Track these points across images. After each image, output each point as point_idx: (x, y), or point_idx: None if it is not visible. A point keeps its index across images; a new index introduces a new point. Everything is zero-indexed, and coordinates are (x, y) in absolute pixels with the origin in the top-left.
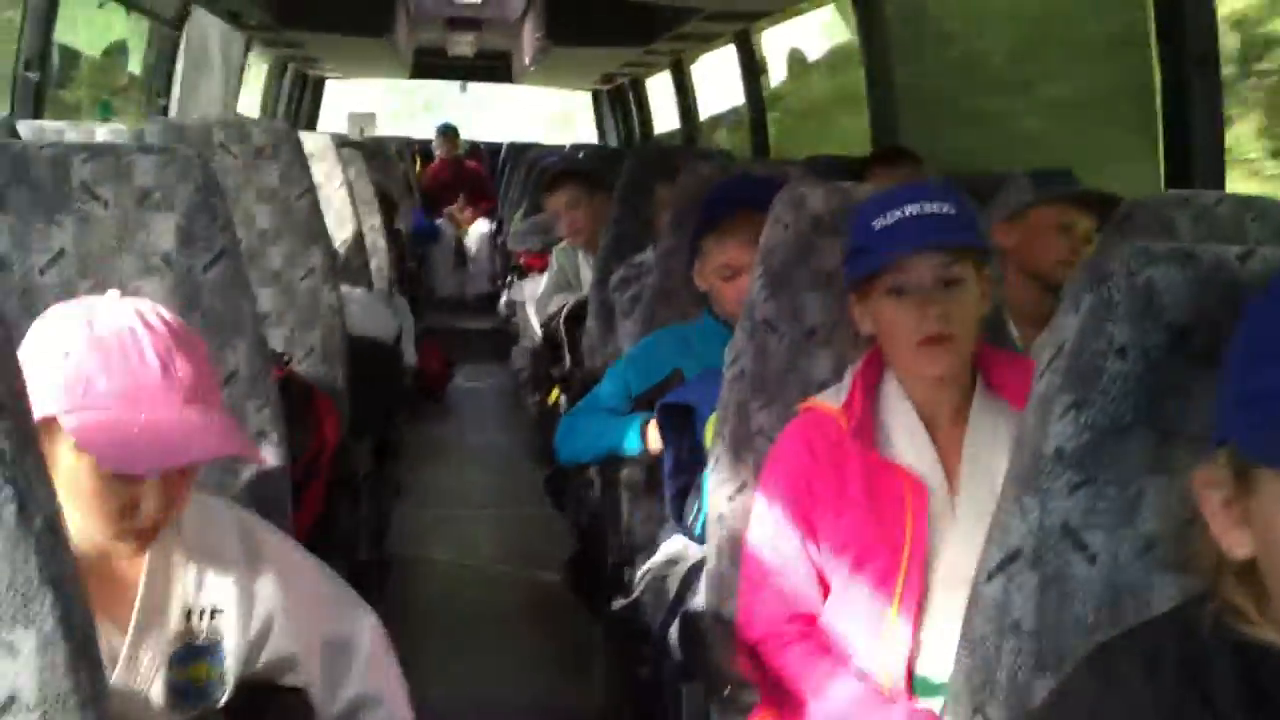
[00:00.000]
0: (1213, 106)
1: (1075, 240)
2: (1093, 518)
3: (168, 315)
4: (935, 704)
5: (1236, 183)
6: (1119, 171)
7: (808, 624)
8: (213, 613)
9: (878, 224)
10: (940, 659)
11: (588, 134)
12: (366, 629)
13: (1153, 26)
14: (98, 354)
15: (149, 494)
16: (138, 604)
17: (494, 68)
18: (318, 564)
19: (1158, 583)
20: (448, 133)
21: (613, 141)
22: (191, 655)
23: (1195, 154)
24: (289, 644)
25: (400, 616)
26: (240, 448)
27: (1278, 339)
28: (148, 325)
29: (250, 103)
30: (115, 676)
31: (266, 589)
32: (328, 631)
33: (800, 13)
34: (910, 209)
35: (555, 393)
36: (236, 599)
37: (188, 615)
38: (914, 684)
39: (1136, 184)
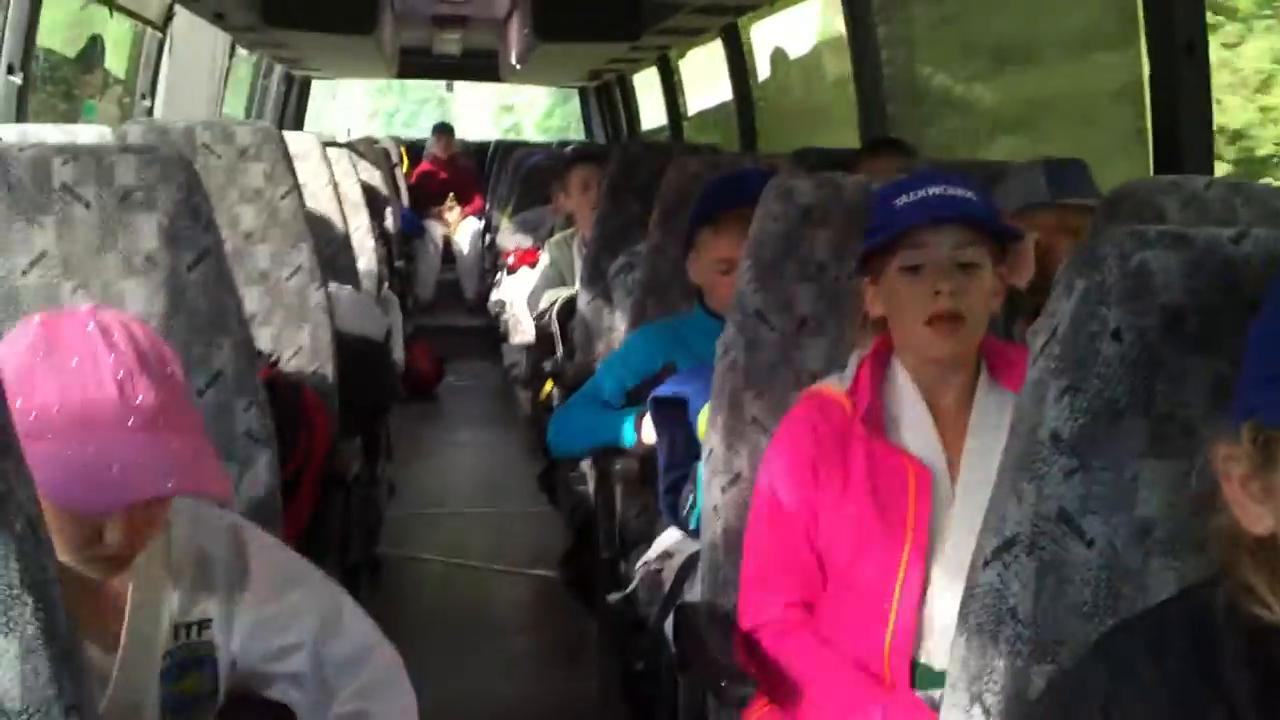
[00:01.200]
0: (1200, 93)
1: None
2: (1089, 503)
3: (140, 333)
4: (937, 693)
5: None
6: (1111, 159)
7: (807, 612)
8: (202, 625)
9: (900, 202)
10: (941, 648)
11: (530, 125)
12: (360, 628)
13: (1141, 14)
14: (53, 378)
15: (112, 526)
16: (126, 623)
17: (481, 66)
18: (309, 567)
19: (1155, 567)
20: (445, 131)
21: (600, 138)
22: (183, 669)
23: (1184, 140)
24: (281, 649)
25: (393, 616)
26: (202, 483)
27: None
28: (111, 346)
29: (240, 105)
30: (108, 697)
31: (257, 598)
32: (321, 634)
33: (791, 3)
34: (933, 189)
35: (548, 388)
36: (226, 610)
37: (177, 631)
38: (915, 673)
39: (1129, 171)
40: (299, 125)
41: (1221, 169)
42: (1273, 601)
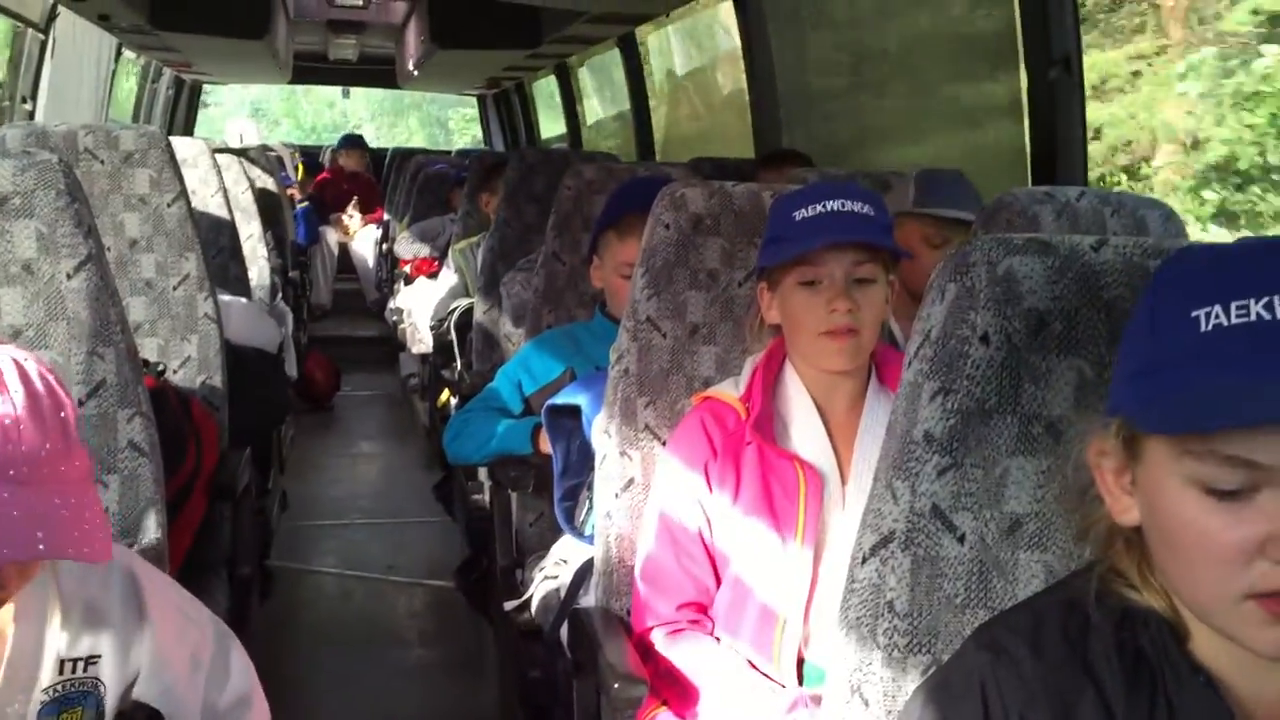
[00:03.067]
0: (1075, 106)
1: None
2: (961, 499)
3: (36, 373)
4: (824, 690)
5: None
6: (993, 169)
7: (700, 613)
8: (89, 661)
9: (799, 215)
10: (829, 646)
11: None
12: (244, 675)
13: (1019, 30)
14: None
15: None
16: (6, 656)
17: (377, 72)
18: (200, 608)
19: (1023, 560)
20: (358, 144)
21: (498, 146)
22: (65, 704)
23: (1059, 151)
24: (166, 689)
25: (288, 628)
26: (78, 546)
27: (1167, 318)
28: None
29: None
30: None
31: (148, 636)
32: (210, 678)
33: (692, 13)
34: (832, 204)
35: (445, 397)
36: (115, 645)
37: (62, 665)
38: (803, 671)
39: (1010, 181)
40: (189, 131)
41: None
42: (1141, 586)
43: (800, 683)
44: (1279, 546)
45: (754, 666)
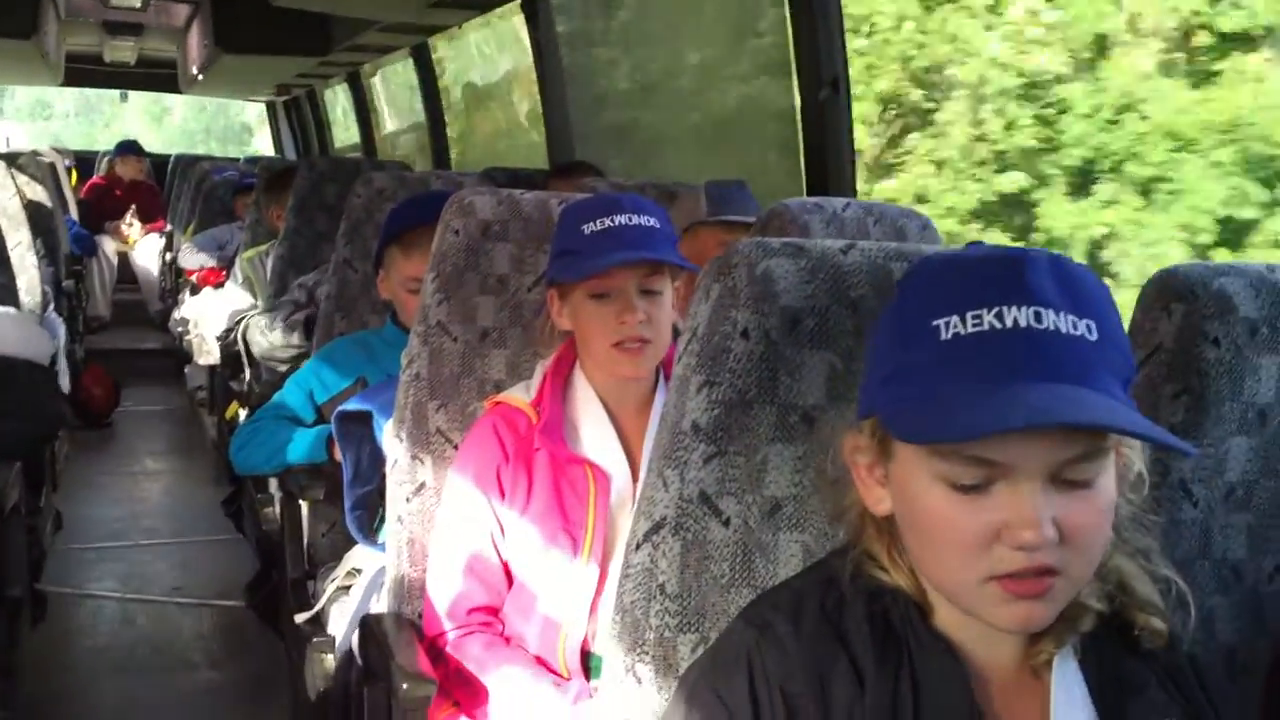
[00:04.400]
0: (843, 123)
1: None
2: (725, 485)
3: None
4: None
5: None
6: (773, 180)
7: (491, 614)
8: None
9: (588, 229)
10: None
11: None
12: None
13: (792, 54)
14: None
15: None
16: None
17: (158, 76)
18: None
19: (783, 540)
20: (134, 151)
21: (290, 154)
22: None
23: (830, 165)
24: None
25: (63, 654)
26: None
27: (907, 327)
28: None
29: None
30: None
31: None
32: None
33: (476, 28)
34: (620, 219)
35: (234, 408)
36: None
37: None
38: (589, 665)
39: (790, 192)
40: None
41: None
42: (890, 566)
43: (587, 677)
44: (1012, 533)
45: (542, 663)
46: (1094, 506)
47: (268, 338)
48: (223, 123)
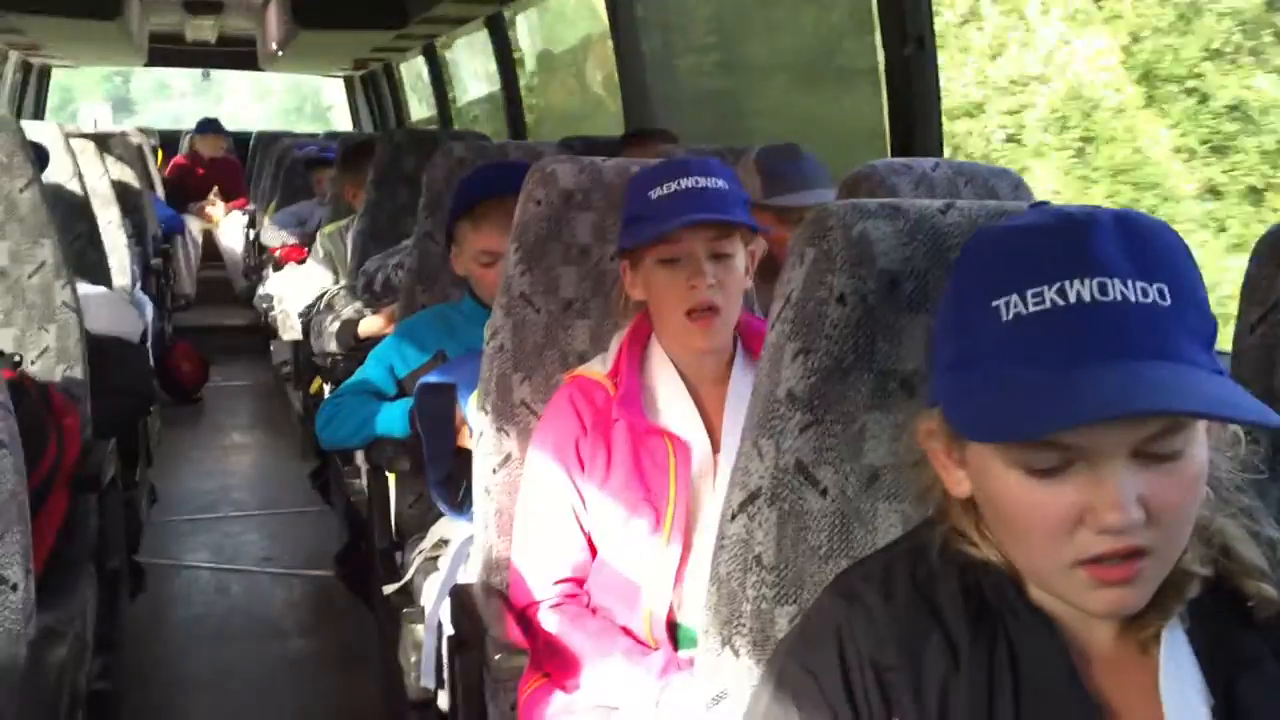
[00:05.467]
0: (930, 83)
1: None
2: (822, 454)
3: None
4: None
5: None
6: (856, 144)
7: (577, 586)
8: None
9: (655, 194)
10: (700, 610)
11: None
12: None
13: (876, 11)
14: None
15: None
16: None
17: (238, 54)
18: None
19: (882, 510)
20: (214, 129)
21: (368, 129)
22: None
23: (916, 125)
24: None
25: (160, 624)
26: None
27: (966, 308)
28: None
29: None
30: None
31: None
32: None
33: None
34: (686, 182)
35: (318, 383)
36: None
37: None
38: (677, 636)
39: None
40: (40, 115)
41: None
42: (979, 541)
43: (675, 648)
44: (1096, 516)
45: (629, 634)
46: (1183, 480)
47: (323, 340)
48: (314, 101)
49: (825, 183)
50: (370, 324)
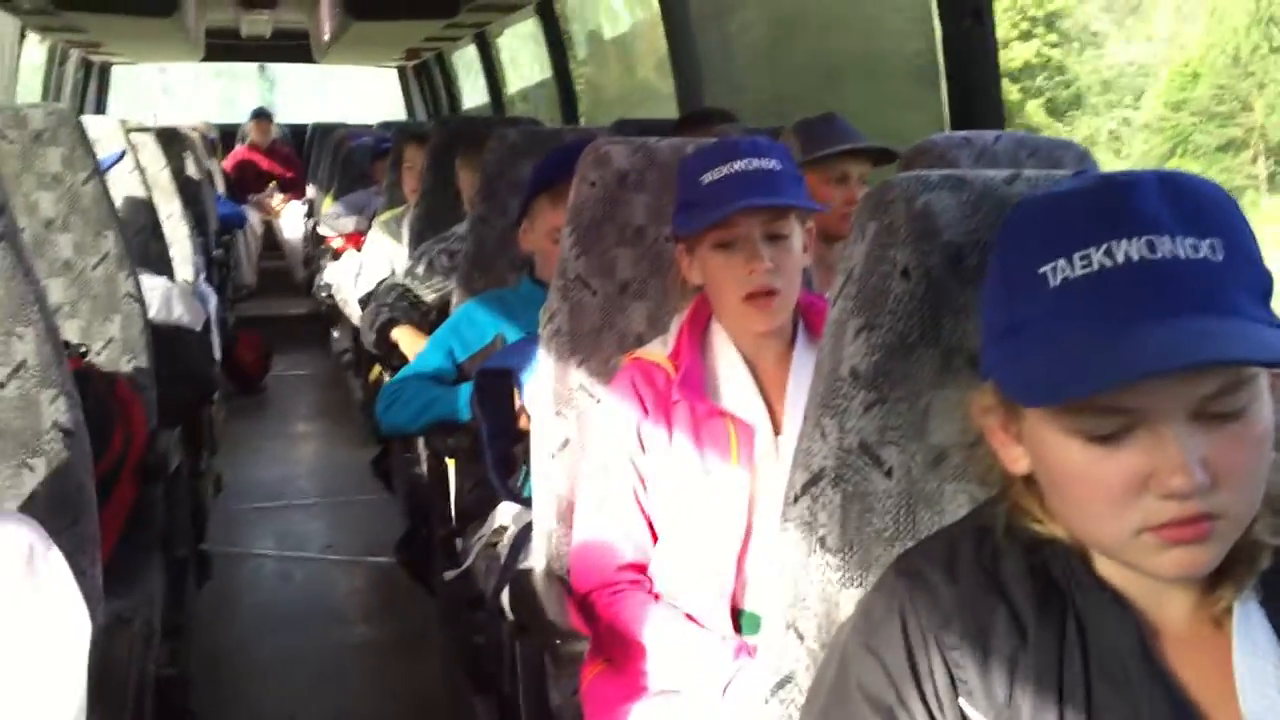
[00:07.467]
0: (987, 55)
1: (850, 189)
2: (886, 434)
3: None
4: (761, 633)
5: None
6: (910, 119)
7: (639, 572)
8: None
9: (706, 179)
10: (764, 595)
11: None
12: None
13: None
14: None
15: None
16: None
17: (293, 47)
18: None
19: (949, 491)
20: (263, 117)
21: (422, 118)
22: None
23: (975, 98)
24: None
25: (227, 612)
26: None
27: (1018, 277)
28: None
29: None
30: None
31: (39, 623)
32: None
33: None
34: (738, 165)
35: (377, 371)
36: (9, 631)
37: None
38: (741, 621)
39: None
40: (101, 110)
41: None
42: (1044, 518)
43: (739, 632)
44: (1160, 480)
45: (692, 620)
46: (1248, 438)
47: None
48: None
49: (858, 137)
50: (402, 335)
